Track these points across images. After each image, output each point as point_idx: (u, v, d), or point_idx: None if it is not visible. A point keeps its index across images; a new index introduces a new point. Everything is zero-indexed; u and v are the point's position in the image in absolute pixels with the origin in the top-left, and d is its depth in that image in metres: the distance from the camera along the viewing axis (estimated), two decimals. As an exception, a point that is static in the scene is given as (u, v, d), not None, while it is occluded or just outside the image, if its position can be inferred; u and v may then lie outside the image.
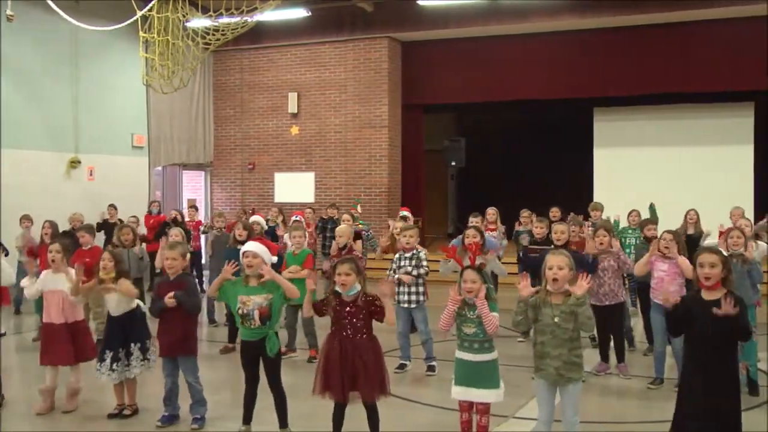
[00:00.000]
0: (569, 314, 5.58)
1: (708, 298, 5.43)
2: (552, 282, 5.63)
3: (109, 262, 7.30)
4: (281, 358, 6.72)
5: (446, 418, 6.97)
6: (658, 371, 8.62)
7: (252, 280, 6.56)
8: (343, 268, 6.05)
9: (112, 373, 7.18)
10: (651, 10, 16.70)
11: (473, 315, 5.98)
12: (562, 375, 5.63)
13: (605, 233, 9.02)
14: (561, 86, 18.30)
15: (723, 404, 5.31)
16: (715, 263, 5.43)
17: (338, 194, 19.18)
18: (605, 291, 8.92)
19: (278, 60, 20.04)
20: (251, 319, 6.44)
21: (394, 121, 19.35)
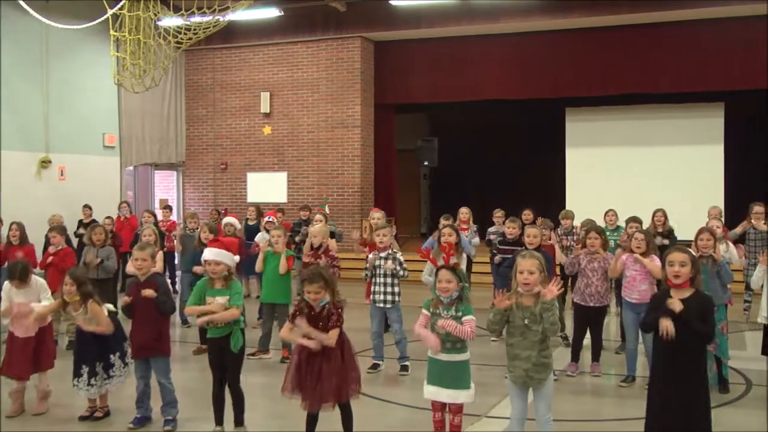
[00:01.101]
0: (539, 316, 5.61)
1: (676, 296, 5.50)
2: (523, 285, 5.65)
3: (72, 286, 7.14)
4: (244, 355, 6.72)
5: (419, 418, 6.98)
6: (630, 369, 8.69)
7: (216, 282, 6.62)
8: (312, 287, 6.02)
9: (91, 389, 7.13)
10: (622, 11, 16.82)
11: (448, 314, 5.99)
12: (531, 377, 5.67)
13: (596, 235, 9.05)
14: (533, 86, 18.38)
15: (692, 401, 5.38)
16: (684, 262, 5.50)
17: (311, 194, 19.15)
18: (591, 292, 8.94)
19: (251, 59, 19.97)
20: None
21: (367, 120, 19.35)
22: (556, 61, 18.09)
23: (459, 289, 6.03)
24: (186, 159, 20.72)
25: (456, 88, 18.87)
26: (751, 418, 7.55)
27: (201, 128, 20.56)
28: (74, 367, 7.21)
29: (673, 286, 5.54)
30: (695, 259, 5.62)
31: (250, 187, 20.06)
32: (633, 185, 18.39)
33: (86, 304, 7.09)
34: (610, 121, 19.77)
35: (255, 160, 20.01)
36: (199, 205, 20.11)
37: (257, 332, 10.06)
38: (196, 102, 20.58)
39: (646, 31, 17.43)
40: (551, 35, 17.99)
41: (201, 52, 20.05)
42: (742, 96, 17.81)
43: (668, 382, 5.39)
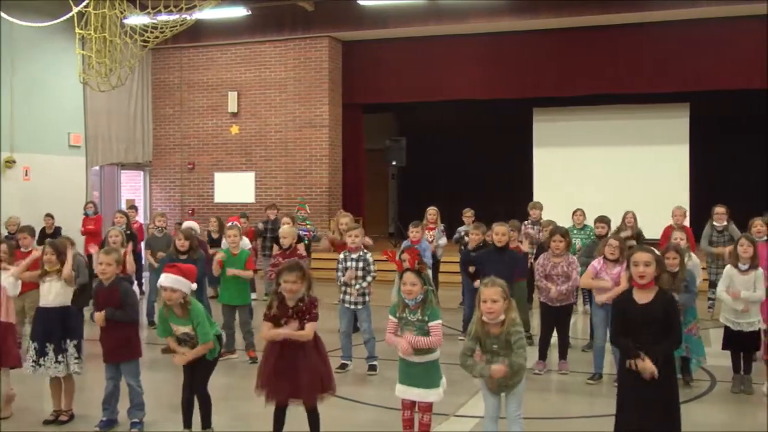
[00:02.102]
0: (506, 342, 5.62)
1: (640, 299, 5.54)
2: (487, 314, 5.63)
3: (52, 255, 7.20)
4: (217, 361, 6.66)
5: (388, 417, 6.98)
6: (598, 367, 8.75)
7: (176, 309, 6.47)
8: (290, 276, 5.99)
9: (37, 368, 7.04)
10: (589, 12, 16.94)
11: (414, 318, 6.00)
12: (506, 385, 5.73)
13: (561, 238, 9.06)
14: (500, 86, 18.47)
15: (662, 398, 5.42)
16: (648, 262, 5.51)
17: (279, 194, 19.09)
18: (555, 294, 8.99)
19: (218, 59, 19.88)
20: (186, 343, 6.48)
21: (335, 120, 19.32)
22: (523, 61, 18.18)
23: (424, 292, 6.02)
24: (153, 159, 20.58)
25: (424, 88, 18.90)
26: (715, 414, 7.68)
27: (168, 128, 20.42)
28: (38, 346, 7.09)
29: (637, 286, 5.56)
30: (659, 258, 5.65)
31: (218, 187, 19.96)
32: (600, 185, 18.52)
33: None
34: (577, 121, 19.91)
35: (222, 159, 19.92)
36: (167, 205, 19.98)
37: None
38: (163, 101, 20.44)
39: (612, 32, 17.58)
40: (519, 36, 18.08)
41: (168, 51, 19.92)
42: (707, 96, 18.01)
43: (637, 380, 5.42)
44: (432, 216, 12.60)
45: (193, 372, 6.53)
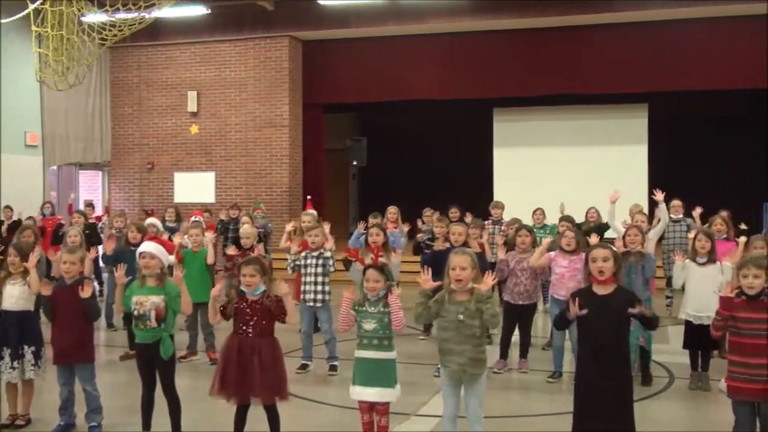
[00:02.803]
0: (474, 311, 5.64)
1: (600, 293, 5.58)
2: (456, 282, 5.68)
3: (15, 257, 7.02)
4: (175, 361, 6.59)
5: (349, 418, 6.96)
6: (557, 365, 8.80)
7: (149, 281, 6.42)
8: (248, 269, 6.00)
9: (13, 372, 6.88)
10: (549, 13, 17.07)
11: (374, 310, 6.00)
12: (465, 371, 5.70)
13: (527, 233, 9.15)
14: (461, 86, 18.54)
15: (617, 391, 5.47)
16: (607, 257, 5.56)
17: (239, 194, 19.01)
18: (520, 291, 9.03)
19: (177, 57, 19.74)
20: (147, 319, 6.31)
21: (295, 120, 19.28)
22: (483, 61, 18.26)
23: (387, 288, 6.04)
24: (111, 158, 20.38)
25: (384, 88, 18.92)
26: (673, 410, 7.76)
27: (127, 127, 20.24)
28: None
29: (596, 282, 5.61)
30: (617, 255, 5.70)
31: (178, 187, 19.82)
32: (560, 184, 18.61)
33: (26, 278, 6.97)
34: (538, 122, 20.05)
35: (182, 159, 19.79)
36: (125, 205, 19.78)
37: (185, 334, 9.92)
38: (122, 100, 20.25)
39: (572, 33, 17.72)
40: (479, 36, 18.16)
41: (126, 50, 19.73)
42: (665, 97, 18.21)
43: (594, 378, 5.47)
44: (392, 215, 12.58)
45: (153, 376, 6.46)
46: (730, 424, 5.69)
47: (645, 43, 17.28)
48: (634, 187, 18.25)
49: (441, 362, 5.85)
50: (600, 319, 5.51)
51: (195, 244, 9.65)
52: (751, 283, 5.53)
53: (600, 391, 5.43)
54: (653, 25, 17.18)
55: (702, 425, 7.27)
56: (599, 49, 17.64)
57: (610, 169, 19.00)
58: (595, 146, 19.39)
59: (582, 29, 17.64)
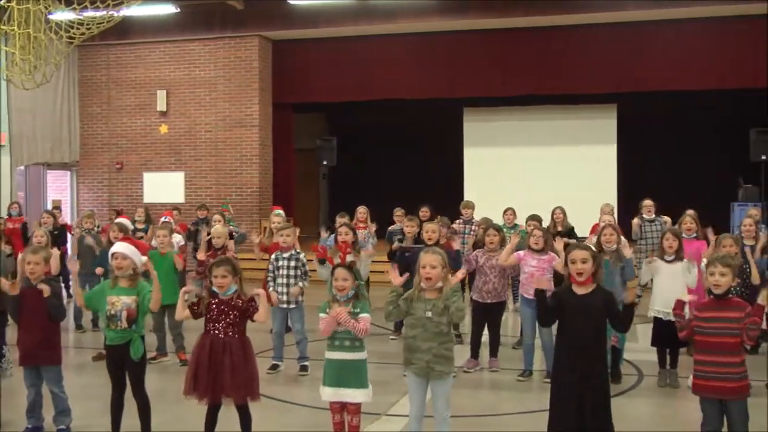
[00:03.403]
0: (442, 309, 5.67)
1: (579, 293, 5.63)
2: (425, 280, 5.70)
3: None
4: (146, 362, 6.54)
5: (320, 419, 6.95)
6: (528, 363, 8.83)
7: (122, 281, 6.37)
8: (219, 270, 5.99)
9: None
10: (517, 13, 17.17)
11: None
12: (432, 368, 5.71)
13: (495, 233, 9.17)
14: (431, 86, 18.57)
15: (595, 391, 5.51)
16: (586, 258, 5.60)
17: (209, 194, 18.92)
18: (489, 289, 9.05)
19: (146, 56, 19.61)
20: (118, 320, 6.26)
21: (265, 120, 19.23)
22: (453, 61, 18.31)
23: (355, 287, 6.04)
24: (80, 158, 20.21)
25: (354, 87, 18.91)
26: (643, 407, 7.84)
27: (95, 126, 20.08)
28: None
29: (575, 282, 5.65)
30: (596, 256, 5.74)
31: (147, 187, 19.70)
32: (530, 184, 18.73)
33: None
34: (508, 122, 20.12)
35: (151, 159, 19.67)
36: (94, 206, 19.61)
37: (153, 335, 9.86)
38: (90, 99, 20.09)
39: (542, 33, 17.82)
40: (449, 36, 18.21)
41: (95, 48, 19.57)
42: (633, 98, 18.35)
43: (573, 377, 5.50)
44: (362, 215, 12.58)
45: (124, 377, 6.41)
46: (697, 421, 5.74)
47: (614, 44, 17.42)
48: (604, 186, 18.42)
49: (406, 360, 5.84)
50: (579, 318, 5.56)
51: (162, 246, 9.60)
52: (718, 281, 5.57)
53: (578, 390, 5.47)
54: (622, 26, 17.33)
55: (671, 422, 7.35)
56: (568, 49, 17.75)
57: (580, 168, 19.13)
58: (564, 146, 19.50)
59: (551, 30, 17.74)
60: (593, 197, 14.04)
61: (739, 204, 16.67)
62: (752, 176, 17.48)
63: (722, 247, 8.42)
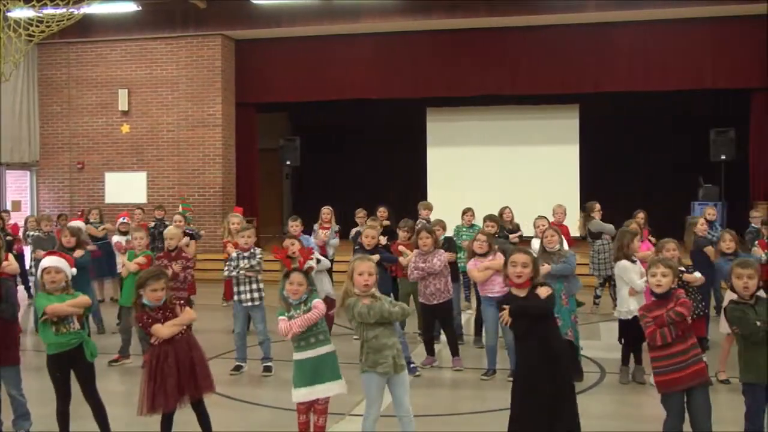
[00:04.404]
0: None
1: (520, 295, 5.84)
2: (363, 287, 5.86)
3: None
4: (93, 364, 6.49)
5: (284, 419, 6.95)
6: (491, 362, 8.88)
7: (56, 292, 6.34)
8: (159, 284, 6.02)
9: None
10: (481, 14, 17.22)
11: (299, 313, 6.04)
12: (397, 363, 5.83)
13: (427, 235, 9.19)
14: (394, 86, 18.57)
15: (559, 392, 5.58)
16: (526, 263, 5.81)
17: (171, 194, 18.78)
18: (432, 291, 9.07)
19: (107, 55, 19.42)
20: (70, 322, 6.22)
21: (228, 119, 19.13)
22: (416, 61, 18.32)
23: (308, 292, 6.13)
24: (40, 158, 19.96)
25: (318, 87, 18.87)
26: (605, 404, 7.92)
27: (56, 126, 19.85)
28: None
29: (514, 285, 5.86)
30: (535, 260, 5.95)
31: (108, 187, 19.49)
32: (493, 184, 18.81)
33: None
34: (471, 121, 20.19)
35: (113, 159, 19.47)
36: (55, 206, 19.39)
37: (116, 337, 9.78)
38: (51, 98, 19.85)
39: (504, 34, 17.88)
40: (412, 36, 18.22)
41: (55, 46, 19.35)
42: (595, 98, 18.49)
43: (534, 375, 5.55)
44: (326, 215, 12.57)
45: (68, 384, 6.34)
46: (660, 416, 5.80)
47: (576, 45, 17.53)
48: (566, 186, 18.53)
49: (374, 363, 5.85)
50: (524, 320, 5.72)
51: (139, 248, 9.59)
52: (659, 281, 5.73)
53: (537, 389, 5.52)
54: (583, 27, 17.45)
55: (634, 418, 7.44)
56: (531, 50, 17.83)
57: (542, 168, 19.23)
58: (527, 146, 19.60)
59: (513, 30, 17.81)
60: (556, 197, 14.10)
61: (699, 203, 16.86)
62: (712, 176, 17.72)
63: (666, 251, 8.57)
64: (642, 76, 17.41)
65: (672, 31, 17.10)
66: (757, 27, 16.62)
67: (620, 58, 17.37)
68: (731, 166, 17.48)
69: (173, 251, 9.64)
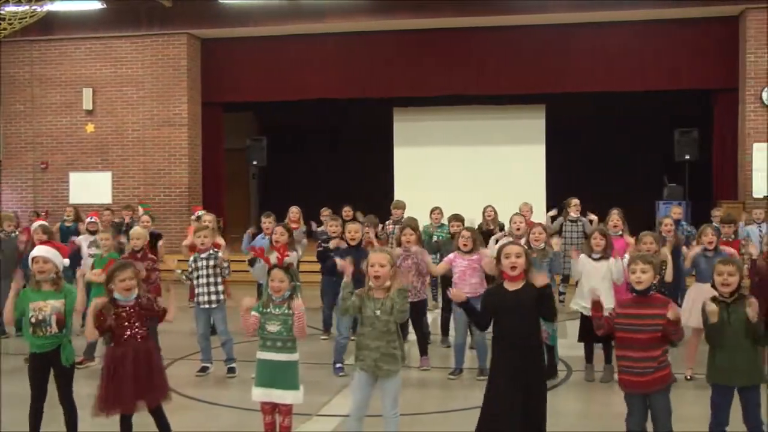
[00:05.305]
0: (390, 308, 5.75)
1: (511, 289, 5.69)
2: (374, 279, 5.77)
3: None
4: (74, 367, 6.40)
5: (250, 420, 6.90)
6: (458, 362, 8.88)
7: (45, 285, 6.20)
8: (126, 274, 5.91)
9: None
10: (446, 14, 17.29)
11: (278, 312, 5.98)
12: (380, 366, 5.76)
13: (411, 232, 9.16)
14: (360, 86, 18.58)
15: (530, 388, 5.55)
16: (519, 254, 5.68)
17: (137, 194, 18.64)
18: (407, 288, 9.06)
19: (72, 53, 19.23)
20: (48, 325, 6.09)
21: (194, 119, 19.03)
22: (382, 61, 18.35)
23: (291, 289, 6.04)
24: (3, 158, 19.73)
25: (284, 87, 18.83)
26: (571, 402, 7.98)
27: (18, 125, 19.62)
28: None
29: (507, 278, 5.70)
30: (527, 252, 5.83)
31: (73, 187, 19.31)
32: (460, 184, 18.84)
33: None
34: (437, 121, 20.21)
35: (77, 159, 19.29)
36: (18, 206, 19.15)
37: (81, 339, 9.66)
38: (13, 97, 19.62)
39: (470, 34, 17.96)
40: (377, 36, 18.25)
41: (18, 44, 19.11)
42: (561, 98, 18.60)
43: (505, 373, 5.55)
44: (294, 215, 12.55)
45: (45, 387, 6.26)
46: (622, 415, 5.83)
47: (541, 45, 17.65)
48: (532, 186, 18.61)
49: (356, 357, 5.89)
50: (512, 315, 5.62)
51: (105, 249, 9.47)
52: (639, 278, 5.67)
53: (513, 388, 5.51)
54: (549, 28, 17.58)
55: (599, 417, 7.45)
56: (497, 50, 17.92)
57: (509, 168, 19.29)
58: (494, 146, 19.65)
59: (479, 30, 17.89)
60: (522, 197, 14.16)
61: (664, 202, 17.00)
62: (676, 175, 17.89)
63: (642, 244, 8.66)
64: (606, 77, 17.58)
65: (636, 33, 17.30)
66: (720, 29, 16.86)
67: (585, 59, 17.52)
68: (695, 166, 17.67)
69: (139, 252, 9.53)
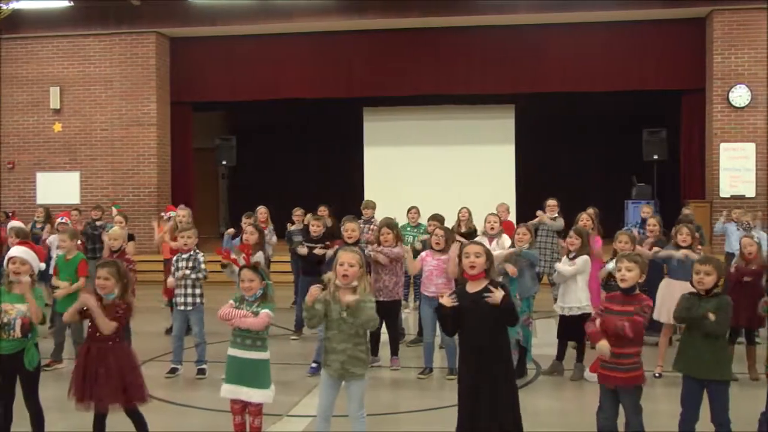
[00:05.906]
0: (356, 310, 5.64)
1: (472, 291, 5.66)
2: (342, 278, 5.68)
3: None
4: (40, 371, 6.31)
5: (220, 421, 6.87)
6: (428, 361, 8.91)
7: (17, 287, 6.12)
8: (102, 272, 5.86)
9: None
10: (415, 14, 17.36)
11: (250, 310, 5.96)
12: (347, 369, 5.71)
13: (389, 230, 9.16)
14: (330, 85, 18.58)
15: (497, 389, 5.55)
16: (479, 253, 5.66)
17: (105, 194, 18.49)
18: (380, 287, 9.03)
19: (39, 52, 19.03)
20: (11, 329, 6.01)
21: (163, 118, 18.92)
22: (352, 60, 18.37)
23: (263, 288, 6.03)
24: (-32, 157, 19.53)
25: (254, 86, 18.78)
26: (541, 400, 7.97)
27: (-16, 125, 19.42)
28: None
29: (468, 277, 5.69)
30: (489, 252, 5.80)
31: (40, 187, 19.13)
32: (430, 183, 18.89)
33: None
34: (407, 121, 20.26)
35: (45, 159, 19.10)
36: (-17, 206, 18.98)
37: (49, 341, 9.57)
38: (-21, 96, 19.42)
39: (439, 34, 18.02)
40: (347, 35, 18.26)
41: (-17, 44, 18.94)
42: (531, 99, 18.71)
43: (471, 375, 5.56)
44: (262, 215, 12.54)
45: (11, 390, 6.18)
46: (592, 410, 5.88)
47: (510, 46, 17.75)
48: (502, 185, 18.70)
49: (324, 362, 5.84)
50: (472, 317, 5.60)
51: (64, 250, 9.36)
52: (624, 276, 5.74)
53: (478, 388, 5.52)
54: (518, 29, 17.69)
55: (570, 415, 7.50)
56: (466, 50, 17.98)
57: (479, 168, 19.38)
58: (464, 146, 19.73)
59: (448, 31, 17.95)
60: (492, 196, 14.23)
61: (633, 202, 17.16)
62: (645, 175, 18.05)
63: (618, 242, 8.75)
64: (575, 78, 17.69)
65: (604, 34, 17.43)
66: (687, 30, 17.04)
67: (554, 59, 17.62)
68: (663, 166, 17.84)
69: (116, 252, 9.45)
